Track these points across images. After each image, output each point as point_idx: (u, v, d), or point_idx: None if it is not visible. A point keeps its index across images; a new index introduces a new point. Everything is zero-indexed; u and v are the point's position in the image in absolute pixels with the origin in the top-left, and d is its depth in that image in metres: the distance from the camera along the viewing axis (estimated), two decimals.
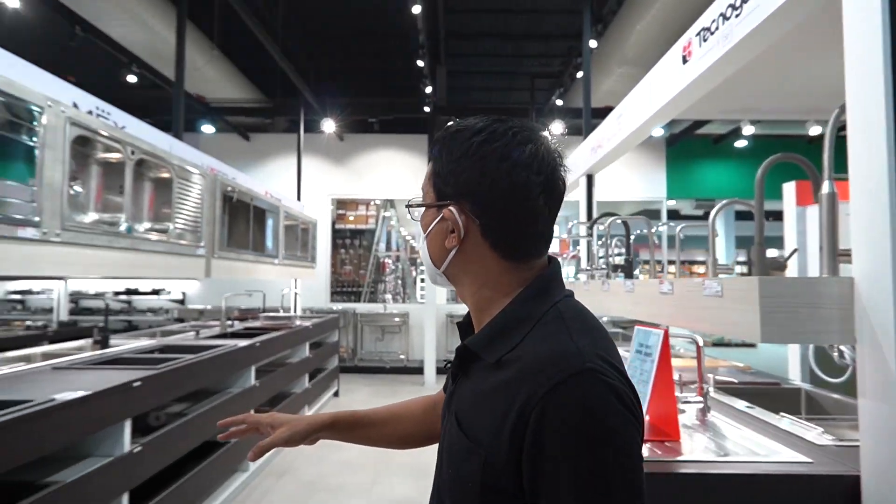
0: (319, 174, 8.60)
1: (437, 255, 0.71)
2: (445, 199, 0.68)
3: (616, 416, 0.54)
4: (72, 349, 3.29)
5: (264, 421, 0.92)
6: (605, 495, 0.52)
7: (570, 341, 0.59)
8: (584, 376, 0.55)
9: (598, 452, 0.53)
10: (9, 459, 1.62)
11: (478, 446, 0.59)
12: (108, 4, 4.87)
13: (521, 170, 0.64)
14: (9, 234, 1.94)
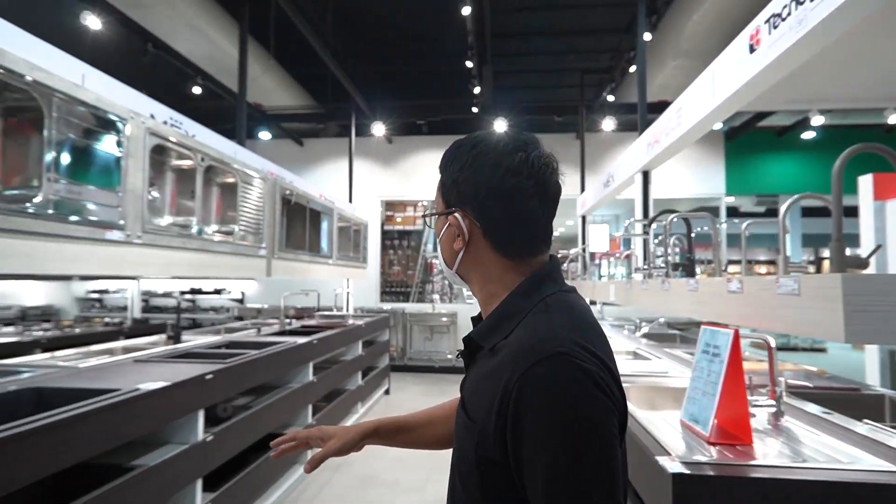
0: (369, 176, 8.80)
1: (449, 257, 0.79)
2: (451, 207, 0.77)
3: (585, 398, 0.59)
4: (147, 344, 3.53)
5: (314, 435, 1.00)
6: (572, 474, 0.57)
7: (548, 329, 0.65)
8: (554, 360, 0.60)
9: (566, 432, 0.58)
10: (102, 442, 1.77)
11: (475, 423, 0.67)
12: (176, 22, 5.20)
13: (513, 176, 0.72)
14: (98, 237, 2.12)
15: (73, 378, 2.21)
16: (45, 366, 2.50)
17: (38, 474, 1.53)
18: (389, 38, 7.43)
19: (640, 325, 4.15)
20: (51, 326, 5.58)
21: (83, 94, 2.02)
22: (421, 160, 8.84)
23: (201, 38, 5.64)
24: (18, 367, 2.44)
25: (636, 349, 3.36)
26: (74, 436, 1.66)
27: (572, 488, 0.57)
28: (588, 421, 0.59)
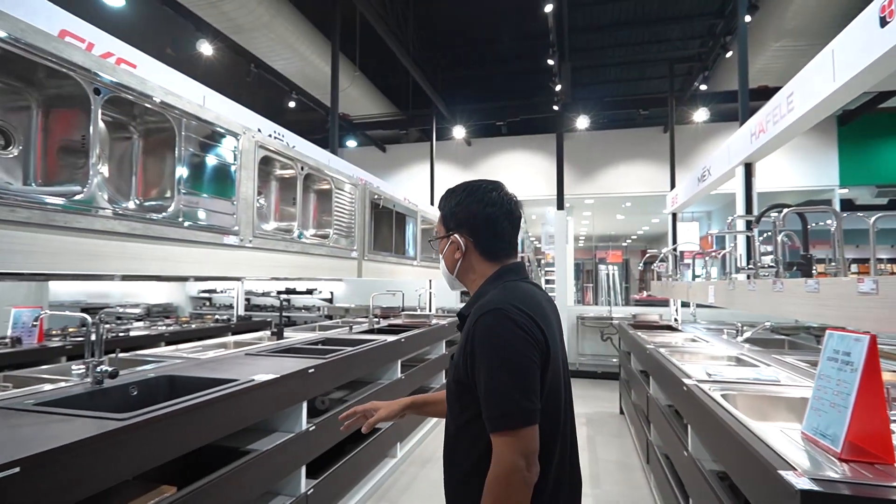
0: (449, 179, 8.93)
1: (451, 265, 1.22)
2: (451, 231, 1.20)
3: (508, 332, 0.99)
4: (254, 339, 3.85)
5: (368, 408, 1.44)
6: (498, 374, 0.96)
7: (495, 297, 1.06)
8: (493, 312, 1.02)
9: (495, 348, 0.99)
10: (226, 426, 1.96)
11: (456, 360, 1.08)
12: (275, 43, 5.63)
13: (490, 207, 1.17)
14: (217, 241, 2.35)
15: (197, 368, 2.47)
16: (173, 357, 2.81)
17: (180, 451, 1.73)
18: (468, 42, 7.52)
19: (741, 329, 3.85)
20: (171, 322, 6.25)
21: (205, 113, 2.25)
22: (500, 161, 8.83)
23: (295, 56, 6.06)
24: (152, 357, 2.77)
25: (739, 355, 3.13)
26: (206, 419, 1.85)
27: (499, 382, 0.96)
28: (509, 343, 0.98)
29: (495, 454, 0.94)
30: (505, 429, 0.94)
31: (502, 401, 0.95)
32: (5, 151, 1.70)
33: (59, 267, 1.64)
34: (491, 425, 0.96)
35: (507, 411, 0.94)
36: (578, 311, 8.13)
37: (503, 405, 0.94)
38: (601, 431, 4.92)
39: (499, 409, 0.95)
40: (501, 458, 0.93)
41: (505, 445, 0.93)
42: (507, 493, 0.92)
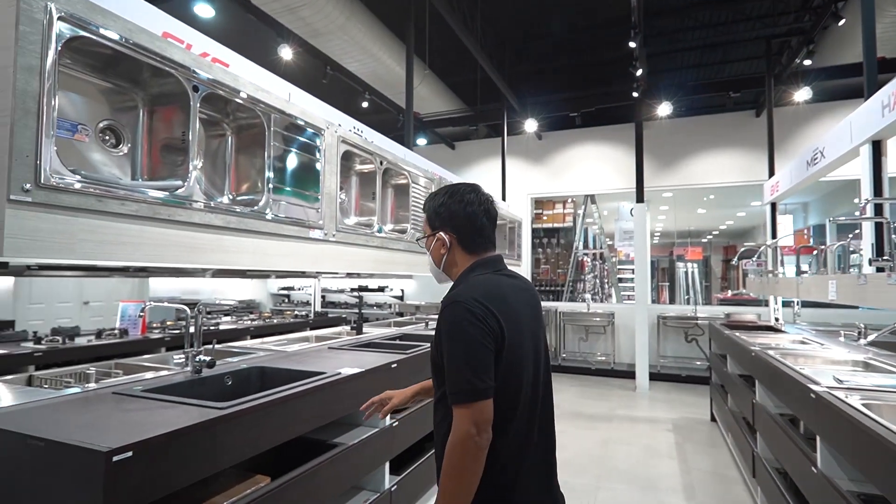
0: (518, 174, 8.74)
1: (437, 259, 1.36)
2: (436, 229, 1.34)
3: (464, 322, 1.14)
4: (333, 334, 3.92)
5: (383, 396, 1.63)
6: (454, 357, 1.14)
7: (460, 291, 1.22)
8: (454, 304, 1.18)
9: (454, 335, 1.15)
10: (317, 419, 1.96)
11: (432, 342, 1.25)
12: (349, 45, 5.75)
13: (470, 206, 1.32)
14: (304, 235, 2.37)
15: (285, 360, 2.52)
16: (261, 349, 2.90)
17: (276, 441, 1.74)
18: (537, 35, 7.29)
19: (864, 331, 3.40)
20: (255, 317, 6.58)
21: (291, 108, 2.28)
22: (572, 154, 8.52)
23: (368, 56, 6.15)
24: (242, 349, 2.87)
25: (866, 359, 2.75)
26: (300, 411, 1.86)
27: (456, 364, 1.12)
28: (465, 331, 1.14)
29: (453, 424, 1.12)
30: (460, 402, 1.11)
31: (459, 379, 1.12)
32: (116, 150, 1.79)
33: (162, 259, 1.70)
34: (450, 399, 1.13)
35: (462, 388, 1.11)
36: (659, 311, 7.67)
37: (459, 383, 1.12)
38: (690, 439, 4.57)
39: (456, 386, 1.12)
40: (457, 427, 1.11)
41: (460, 416, 1.11)
42: (461, 455, 1.09)
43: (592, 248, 10.06)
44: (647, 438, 4.58)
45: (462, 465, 1.09)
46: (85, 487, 1.19)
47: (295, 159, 2.36)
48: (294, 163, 2.36)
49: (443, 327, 1.18)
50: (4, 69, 1.32)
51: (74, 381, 2.19)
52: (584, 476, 3.68)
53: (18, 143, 1.31)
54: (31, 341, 3.74)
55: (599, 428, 4.88)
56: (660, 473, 3.75)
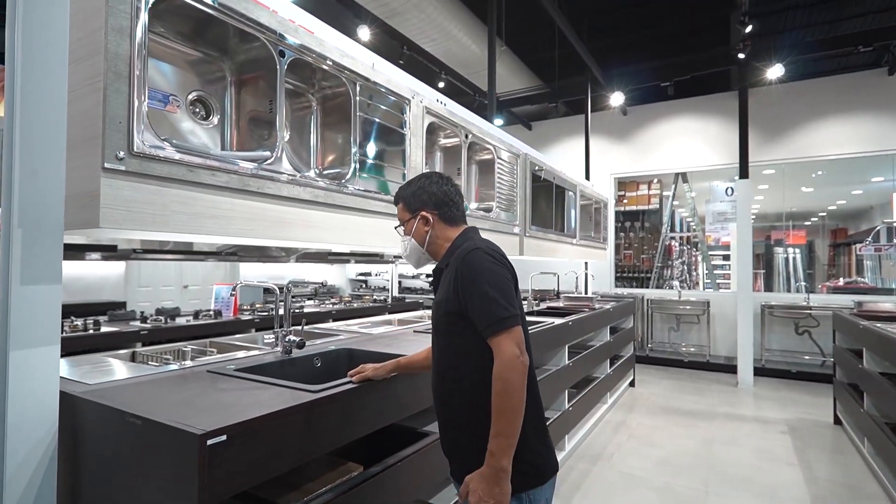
0: (600, 154, 8.22)
1: (422, 238, 1.49)
2: (416, 211, 1.49)
3: (488, 262, 1.30)
4: (416, 317, 3.83)
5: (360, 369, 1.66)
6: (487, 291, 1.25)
7: (471, 243, 1.37)
8: (474, 251, 1.32)
9: (482, 275, 1.28)
10: (411, 405, 1.83)
11: (443, 298, 1.37)
12: (425, 24, 5.60)
13: (444, 186, 1.51)
14: (390, 211, 2.24)
15: (372, 343, 2.42)
16: (346, 331, 2.84)
17: (371, 427, 1.63)
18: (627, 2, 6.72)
19: None
20: (336, 301, 6.71)
21: (377, 76, 2.14)
22: (661, 130, 7.85)
23: (443, 35, 5.97)
24: (328, 331, 2.82)
25: None
26: (394, 396, 1.74)
27: (490, 298, 1.25)
28: (491, 270, 1.29)
29: (498, 350, 1.21)
30: (502, 329, 1.22)
31: (497, 310, 1.23)
32: (206, 122, 1.74)
33: (252, 233, 1.63)
34: (489, 331, 1.23)
35: (500, 316, 1.23)
36: (763, 299, 6.92)
37: (498, 312, 1.23)
38: (812, 444, 4.02)
39: (494, 315, 1.23)
40: (503, 351, 1.20)
41: (504, 341, 1.21)
42: (512, 374, 1.18)
43: (680, 232, 9.33)
44: (757, 440, 4.09)
45: (516, 384, 1.18)
46: (180, 469, 1.12)
47: (380, 131, 2.23)
48: (379, 135, 2.23)
49: (465, 274, 1.29)
50: (96, 32, 1.26)
51: (173, 358, 2.23)
52: (688, 479, 3.33)
53: (111, 108, 1.25)
54: (139, 320, 3.99)
55: (700, 426, 4.44)
56: (779, 481, 3.31)
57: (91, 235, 1.46)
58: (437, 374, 1.41)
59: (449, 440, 1.39)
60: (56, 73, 1.28)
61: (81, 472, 1.36)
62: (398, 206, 1.54)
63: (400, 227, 1.54)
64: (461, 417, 1.33)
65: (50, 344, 1.31)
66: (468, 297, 1.27)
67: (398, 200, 1.54)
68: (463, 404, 1.32)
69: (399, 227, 1.54)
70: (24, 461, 1.28)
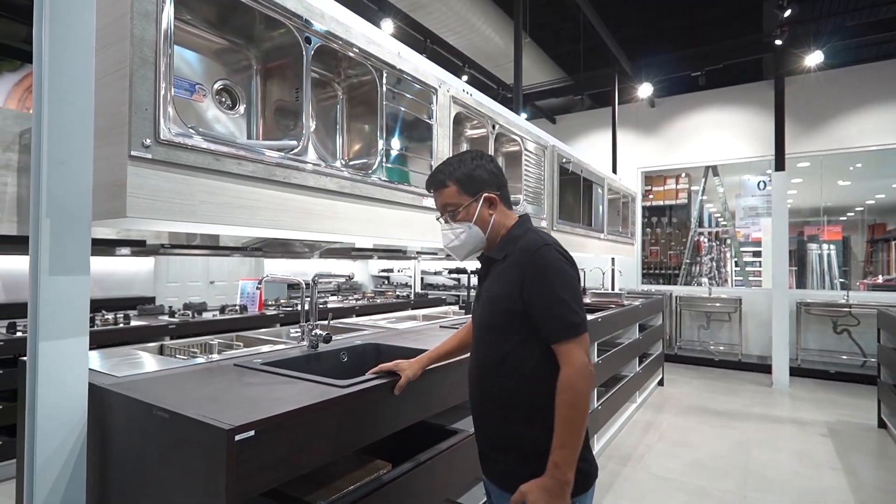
0: (626, 147, 8.02)
1: (484, 223, 1.33)
2: (478, 193, 1.32)
3: (560, 262, 1.21)
4: (441, 313, 3.78)
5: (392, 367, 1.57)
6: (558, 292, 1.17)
7: (539, 238, 1.26)
8: (546, 247, 1.22)
9: (556, 274, 1.19)
10: (439, 402, 1.78)
11: (499, 297, 1.25)
12: (448, 17, 5.53)
13: (495, 165, 1.37)
14: (417, 203, 2.19)
15: (398, 338, 2.38)
16: (372, 326, 2.80)
17: (399, 425, 1.58)
18: None
19: None
20: (360, 297, 6.71)
21: (403, 63, 2.09)
22: (690, 122, 7.62)
23: (466, 27, 5.89)
24: (355, 326, 2.79)
25: None
26: (422, 392, 1.68)
27: (562, 300, 1.17)
28: (564, 270, 1.20)
29: (567, 358, 1.15)
30: (573, 335, 1.15)
31: (569, 314, 1.16)
32: (232, 111, 1.71)
33: (279, 224, 1.59)
34: (559, 335, 1.16)
35: (571, 321, 1.16)
36: (798, 297, 6.66)
37: (570, 317, 1.16)
38: (855, 448, 3.83)
39: (566, 320, 1.15)
40: (573, 359, 1.14)
41: (574, 349, 1.15)
42: (583, 385, 1.13)
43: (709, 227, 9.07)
44: (796, 443, 3.92)
45: (585, 395, 1.13)
46: (207, 464, 1.09)
47: (406, 121, 2.18)
48: (405, 125, 2.17)
49: (536, 273, 1.19)
50: (122, 17, 1.24)
51: (200, 351, 2.22)
52: (724, 482, 3.20)
53: (137, 94, 1.22)
54: (167, 315, 4.04)
55: (735, 427, 4.28)
56: (822, 487, 3.15)
57: (118, 226, 1.45)
58: (481, 369, 1.30)
59: (489, 440, 1.30)
60: (83, 60, 1.26)
61: (110, 463, 1.35)
62: (446, 189, 1.32)
63: (463, 208, 1.31)
64: (507, 419, 1.24)
65: (78, 335, 1.29)
66: (537, 297, 1.18)
67: (447, 182, 1.32)
68: (512, 406, 1.23)
69: (457, 209, 1.31)
70: (55, 452, 1.27)
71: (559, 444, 1.12)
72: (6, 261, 4.42)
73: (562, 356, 1.15)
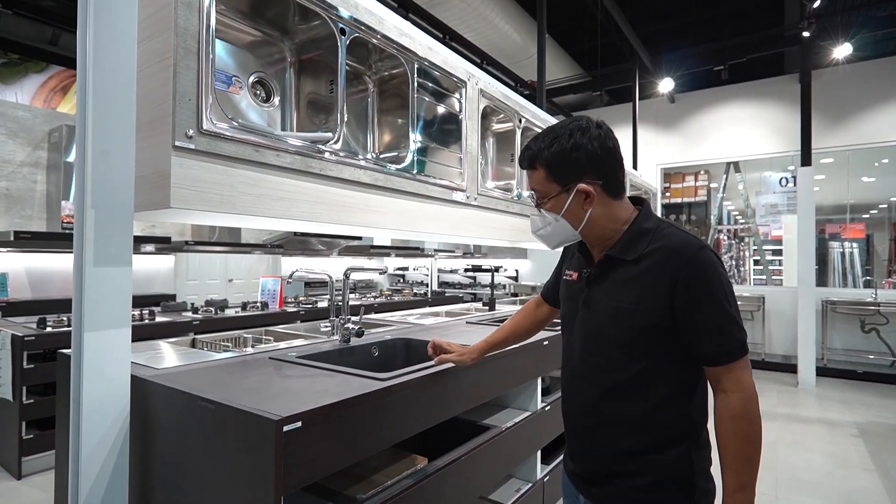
0: (645, 144, 7.91)
1: (578, 219, 1.08)
2: (570, 182, 1.06)
3: (722, 268, 1.02)
4: (463, 310, 3.75)
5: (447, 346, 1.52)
6: (728, 303, 0.99)
7: (688, 235, 1.04)
8: (705, 249, 1.01)
9: (722, 284, 0.99)
10: (474, 396, 1.76)
11: (637, 305, 1.02)
12: (466, 13, 5.50)
13: (605, 140, 1.06)
14: (447, 197, 2.17)
15: (425, 333, 2.36)
16: (399, 322, 2.79)
17: (437, 419, 1.56)
18: None
19: None
20: (377, 294, 6.72)
21: (434, 56, 2.07)
22: (711, 117, 7.50)
23: (485, 24, 5.86)
24: (382, 322, 2.78)
25: None
26: (458, 385, 1.66)
27: (730, 316, 0.99)
28: (727, 279, 1.01)
29: (737, 382, 0.99)
30: (738, 357, 0.99)
31: (738, 332, 1.00)
32: (267, 104, 1.71)
33: (316, 217, 1.58)
34: (728, 357, 0.99)
35: (741, 340, 1.00)
36: (824, 295, 6.52)
37: (738, 335, 1.00)
38: (889, 449, 3.73)
39: (733, 341, 0.99)
40: (745, 384, 0.99)
41: (745, 372, 1.00)
42: (757, 411, 0.98)
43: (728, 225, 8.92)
44: (826, 444, 3.83)
45: (760, 424, 0.99)
46: (254, 456, 1.08)
47: (436, 114, 2.16)
48: (435, 118, 2.16)
49: (696, 282, 0.98)
50: (164, 8, 1.23)
51: (232, 345, 2.22)
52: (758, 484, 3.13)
53: (181, 85, 1.22)
54: (190, 311, 4.07)
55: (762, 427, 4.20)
56: (856, 488, 3.07)
57: (160, 218, 1.44)
58: (594, 388, 1.09)
59: (603, 462, 1.09)
60: (126, 51, 1.26)
61: (152, 454, 1.35)
62: (535, 172, 1.09)
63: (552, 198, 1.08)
64: (632, 444, 1.05)
65: (121, 326, 1.29)
66: (698, 313, 0.98)
67: (535, 163, 1.09)
68: (640, 431, 1.05)
69: (545, 200, 1.09)
70: (99, 443, 1.27)
71: (737, 484, 0.97)
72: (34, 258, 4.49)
73: (729, 381, 0.99)
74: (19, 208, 3.84)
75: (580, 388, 1.12)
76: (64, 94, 6.25)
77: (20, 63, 5.91)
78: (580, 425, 1.13)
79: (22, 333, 2.92)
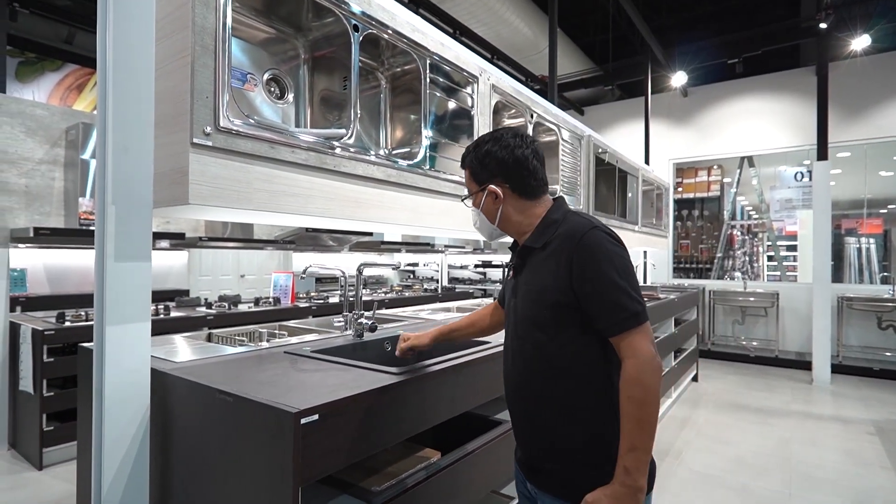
0: (657, 138, 7.85)
1: (492, 215, 1.24)
2: (484, 183, 1.23)
3: (611, 245, 1.09)
4: (474, 305, 3.76)
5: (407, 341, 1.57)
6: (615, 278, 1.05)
7: (582, 221, 1.14)
8: (594, 229, 1.10)
9: (610, 260, 1.06)
10: (489, 389, 1.77)
11: (545, 287, 1.13)
12: (476, 7, 5.48)
13: (518, 150, 1.20)
14: (457, 192, 2.17)
15: None
16: (411, 317, 2.80)
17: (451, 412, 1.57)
18: None
19: None
20: (387, 290, 6.75)
21: (446, 52, 2.07)
22: (725, 111, 7.41)
23: (495, 18, 5.84)
24: (393, 317, 2.80)
25: None
26: (472, 380, 1.67)
27: (621, 288, 1.05)
28: (618, 255, 1.09)
29: (631, 349, 1.04)
30: (635, 324, 1.05)
31: (630, 303, 1.05)
32: (281, 100, 1.72)
33: (330, 213, 1.59)
34: (620, 327, 1.05)
35: (634, 310, 1.05)
36: (840, 291, 6.43)
37: (631, 306, 1.05)
38: None
39: (628, 310, 1.04)
40: (640, 350, 1.04)
41: (639, 339, 1.05)
42: (652, 379, 1.03)
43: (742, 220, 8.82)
44: (842, 441, 3.79)
45: (656, 390, 1.03)
46: (272, 448, 1.10)
47: (447, 110, 2.16)
48: (447, 113, 2.16)
49: (585, 259, 1.07)
50: (182, 6, 1.25)
51: (247, 339, 2.25)
52: (768, 480, 3.11)
53: (199, 82, 1.24)
54: (204, 307, 4.13)
55: (775, 425, 4.17)
56: (873, 486, 3.04)
57: (177, 214, 1.47)
58: (528, 370, 1.16)
59: (539, 446, 1.16)
60: (144, 49, 1.28)
61: (172, 446, 1.37)
62: (465, 171, 1.28)
63: (470, 196, 1.28)
64: (564, 423, 1.11)
65: (142, 320, 1.32)
66: (589, 286, 1.05)
67: (463, 164, 1.28)
68: (569, 409, 1.10)
69: (467, 198, 1.29)
70: (121, 434, 1.30)
71: (629, 446, 1.01)
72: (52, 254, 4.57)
73: (624, 349, 1.04)
74: (38, 205, 3.90)
75: (513, 375, 1.21)
76: (79, 91, 6.34)
77: (37, 62, 6.00)
78: (516, 410, 1.21)
79: (42, 328, 2.99)
